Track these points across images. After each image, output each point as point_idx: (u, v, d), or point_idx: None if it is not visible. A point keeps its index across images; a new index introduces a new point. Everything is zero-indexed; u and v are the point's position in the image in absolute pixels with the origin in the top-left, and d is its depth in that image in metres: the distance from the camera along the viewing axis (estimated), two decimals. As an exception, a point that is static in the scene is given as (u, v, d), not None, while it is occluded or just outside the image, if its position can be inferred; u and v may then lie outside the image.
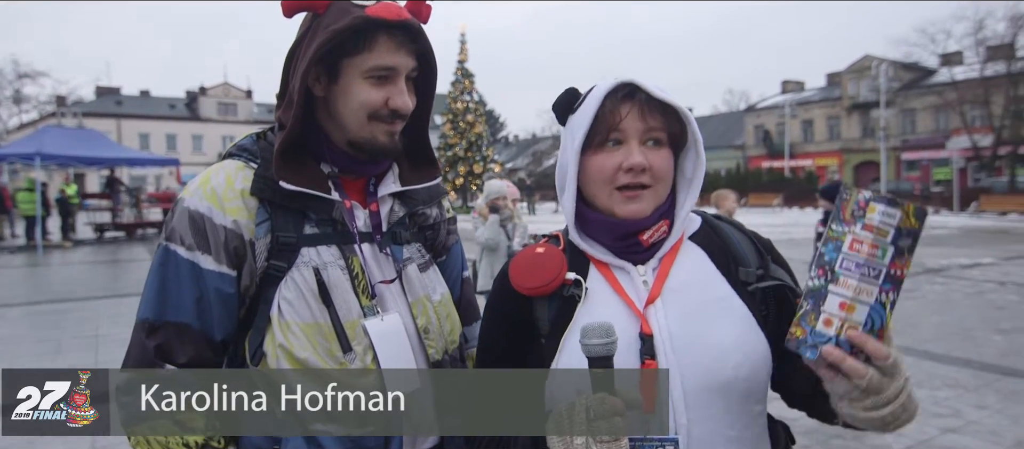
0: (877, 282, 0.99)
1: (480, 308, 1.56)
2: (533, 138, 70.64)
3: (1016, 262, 13.51)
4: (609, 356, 0.99)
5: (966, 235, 20.50)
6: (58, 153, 16.80)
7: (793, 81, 60.48)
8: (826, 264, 1.00)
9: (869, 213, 0.99)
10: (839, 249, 1.00)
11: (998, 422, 4.53)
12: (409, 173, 1.39)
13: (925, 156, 45.55)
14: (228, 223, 1.22)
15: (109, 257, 15.63)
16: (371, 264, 1.31)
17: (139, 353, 1.21)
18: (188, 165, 50.12)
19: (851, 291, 0.98)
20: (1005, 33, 38.27)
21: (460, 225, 1.68)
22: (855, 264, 0.99)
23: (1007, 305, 8.81)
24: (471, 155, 36.85)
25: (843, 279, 0.99)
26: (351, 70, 1.24)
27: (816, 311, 0.99)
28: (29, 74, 36.11)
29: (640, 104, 1.13)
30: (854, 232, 0.99)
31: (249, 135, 1.37)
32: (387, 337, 1.27)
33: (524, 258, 1.20)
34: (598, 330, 0.99)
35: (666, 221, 1.18)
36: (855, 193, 1.01)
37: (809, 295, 1.00)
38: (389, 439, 1.26)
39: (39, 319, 8.24)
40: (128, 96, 64.40)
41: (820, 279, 1.00)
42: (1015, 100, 36.87)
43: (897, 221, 0.98)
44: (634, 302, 1.14)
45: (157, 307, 1.22)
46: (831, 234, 1.01)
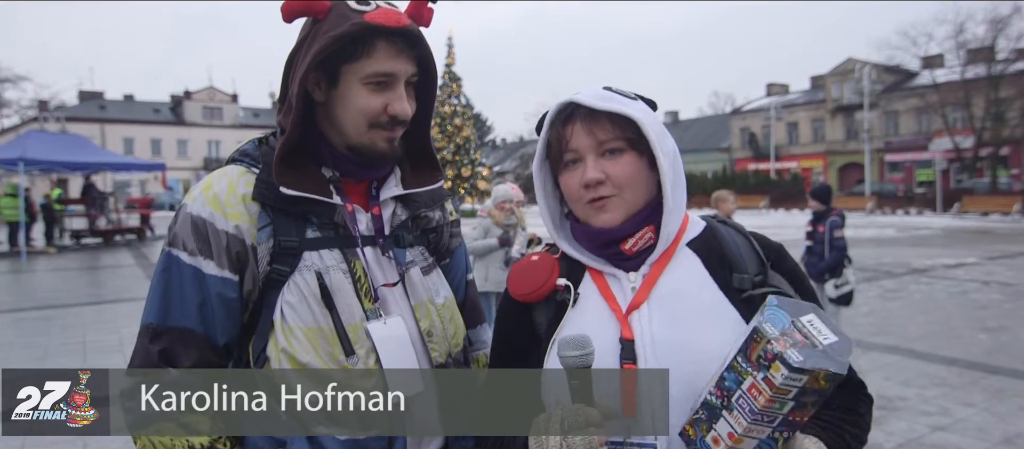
0: (771, 426, 0.93)
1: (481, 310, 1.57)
2: (521, 141, 70.77)
3: (999, 261, 13.69)
4: (585, 367, 1.01)
5: (949, 236, 20.74)
6: (41, 158, 16.60)
7: (778, 84, 60.97)
8: (725, 389, 0.95)
9: (773, 369, 0.90)
10: (739, 384, 0.93)
11: (985, 419, 4.58)
12: (411, 176, 1.39)
13: (908, 158, 46.04)
14: (230, 228, 1.22)
15: (94, 263, 15.47)
16: (373, 267, 1.31)
17: (143, 357, 1.21)
18: (173, 170, 49.84)
19: (742, 428, 0.93)
20: (985, 36, 38.86)
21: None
22: (750, 410, 0.92)
23: (991, 304, 8.92)
24: (459, 158, 36.80)
25: (736, 414, 0.93)
26: (350, 76, 1.24)
27: (709, 424, 0.96)
28: (10, 78, 35.74)
29: (583, 120, 1.15)
30: (755, 379, 0.92)
31: (252, 140, 1.36)
32: (390, 340, 1.27)
33: (520, 266, 1.26)
34: (574, 342, 1.02)
35: (651, 227, 1.18)
36: (764, 340, 0.92)
37: (705, 406, 0.97)
38: (392, 441, 1.25)
39: (26, 326, 8.14)
40: (112, 100, 63.81)
41: (717, 399, 0.96)
42: (995, 102, 37.39)
43: (802, 384, 0.89)
44: (619, 307, 1.16)
45: (161, 312, 1.21)
46: (735, 364, 0.94)
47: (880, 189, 41.56)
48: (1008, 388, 5.26)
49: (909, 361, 6.08)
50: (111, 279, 12.67)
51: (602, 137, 1.14)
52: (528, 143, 66.32)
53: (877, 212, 35.02)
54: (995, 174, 37.80)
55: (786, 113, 53.90)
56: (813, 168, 51.51)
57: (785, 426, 0.93)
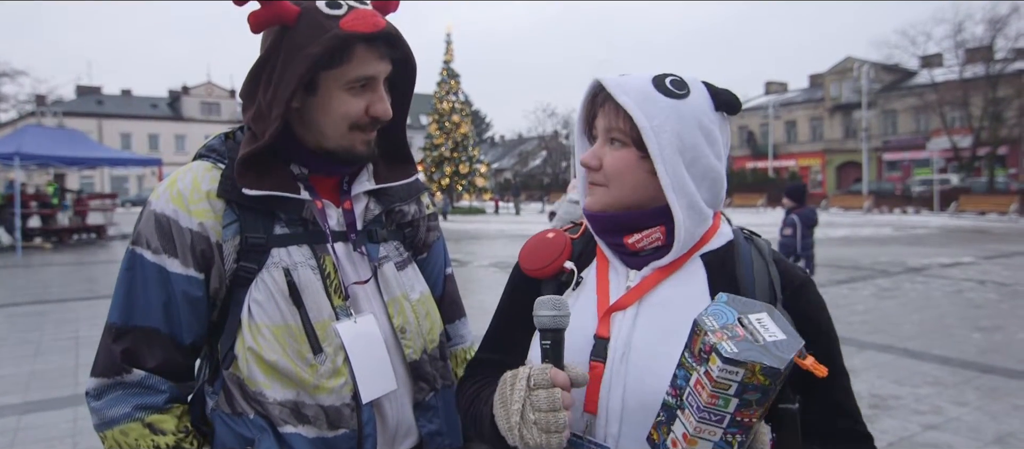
0: (721, 426, 0.91)
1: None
2: (519, 138, 70.63)
3: (995, 261, 13.70)
4: (558, 329, 1.02)
5: (946, 235, 20.77)
6: (38, 153, 16.54)
7: (776, 82, 61.06)
8: (677, 387, 0.94)
9: (710, 363, 0.88)
10: (687, 380, 0.92)
11: (978, 418, 4.58)
12: (385, 171, 1.37)
13: (906, 157, 46.11)
14: (194, 225, 1.19)
15: (88, 258, 15.44)
16: (345, 263, 1.28)
17: (106, 358, 1.19)
18: (171, 165, 49.47)
19: (693, 427, 0.92)
20: (984, 35, 38.91)
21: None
22: (697, 406, 0.91)
23: (986, 303, 8.93)
24: (457, 155, 36.81)
25: (688, 412, 0.92)
26: (330, 82, 1.21)
27: (668, 426, 0.95)
28: (7, 73, 35.50)
29: (605, 102, 1.15)
30: (698, 373, 0.90)
31: (218, 135, 1.34)
32: (359, 339, 1.25)
33: (534, 241, 1.26)
34: (550, 303, 1.03)
35: (661, 228, 1.13)
36: (703, 332, 0.90)
37: (665, 408, 0.96)
38: (362, 440, 1.24)
39: (19, 321, 8.12)
40: (109, 95, 63.76)
41: (673, 398, 0.95)
42: (994, 102, 37.44)
43: (740, 378, 0.87)
44: (607, 300, 1.15)
45: (124, 311, 1.19)
46: (683, 360, 0.93)
47: (878, 188, 41.60)
48: (1002, 387, 5.26)
49: (903, 360, 6.08)
50: (105, 274, 12.64)
51: (613, 124, 1.13)
52: (527, 140, 66.20)
53: (874, 211, 35.05)
54: (993, 173, 37.85)
55: (784, 111, 53.94)
56: (811, 166, 51.56)
57: (736, 427, 0.91)
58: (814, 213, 8.17)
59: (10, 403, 5.02)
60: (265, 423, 1.20)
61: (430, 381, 1.36)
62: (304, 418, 1.21)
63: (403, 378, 1.32)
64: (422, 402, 1.35)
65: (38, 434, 4.40)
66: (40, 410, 4.86)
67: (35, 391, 5.31)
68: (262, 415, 1.21)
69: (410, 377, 1.33)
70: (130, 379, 1.18)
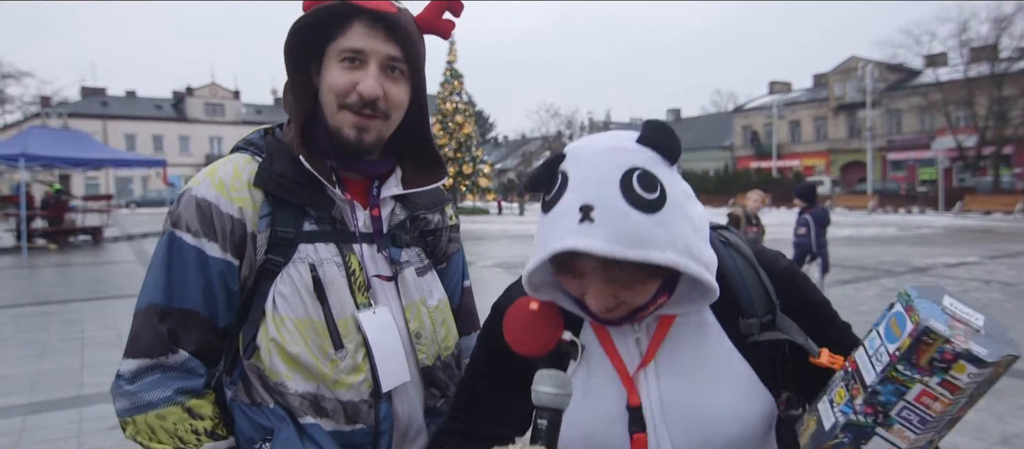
0: (936, 430, 0.85)
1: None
2: (523, 139, 70.58)
3: (1000, 261, 13.65)
4: (558, 409, 0.94)
5: (951, 234, 20.70)
6: (43, 154, 16.60)
7: (780, 82, 60.91)
8: (879, 405, 0.84)
9: (955, 370, 0.80)
10: (902, 396, 0.83)
11: (983, 419, 4.56)
12: (413, 175, 1.38)
13: (911, 156, 45.96)
14: (234, 212, 1.21)
15: (94, 259, 15.48)
16: (368, 264, 1.30)
17: (152, 338, 1.17)
18: (175, 166, 49.85)
19: (906, 444, 0.84)
20: (988, 34, 38.81)
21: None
22: (920, 419, 0.83)
23: (991, 303, 8.90)
24: (460, 155, 36.81)
25: (898, 428, 0.84)
26: (330, 54, 1.24)
27: (855, 447, 0.87)
28: (12, 74, 35.65)
29: (597, 264, 0.93)
30: (928, 384, 0.82)
31: (258, 130, 1.36)
32: (379, 330, 1.26)
33: (518, 316, 1.07)
34: (552, 379, 0.94)
35: (665, 294, 1.01)
36: (941, 339, 0.80)
37: (849, 429, 0.86)
38: (379, 435, 1.25)
39: (24, 321, 8.15)
40: (114, 97, 63.89)
41: (867, 417, 0.85)
42: (999, 101, 37.31)
43: (984, 377, 0.80)
44: (626, 367, 1.05)
45: (165, 292, 1.19)
46: (893, 374, 0.83)
47: (882, 187, 41.50)
48: (1007, 388, 5.24)
49: (908, 360, 6.07)
50: (111, 275, 12.68)
51: (621, 277, 0.94)
52: (530, 141, 66.16)
53: (879, 211, 34.95)
54: (998, 173, 37.72)
55: (788, 111, 53.79)
56: (815, 166, 51.44)
57: (949, 426, 0.85)
58: (826, 212, 8.35)
59: (15, 404, 5.04)
60: (285, 413, 1.21)
61: (442, 388, 1.36)
62: (323, 411, 1.22)
63: (415, 382, 1.33)
64: (433, 409, 1.35)
65: (43, 435, 4.42)
66: (45, 411, 4.88)
67: (40, 392, 5.33)
68: (282, 405, 1.22)
69: (422, 382, 1.34)
70: (173, 361, 1.17)
